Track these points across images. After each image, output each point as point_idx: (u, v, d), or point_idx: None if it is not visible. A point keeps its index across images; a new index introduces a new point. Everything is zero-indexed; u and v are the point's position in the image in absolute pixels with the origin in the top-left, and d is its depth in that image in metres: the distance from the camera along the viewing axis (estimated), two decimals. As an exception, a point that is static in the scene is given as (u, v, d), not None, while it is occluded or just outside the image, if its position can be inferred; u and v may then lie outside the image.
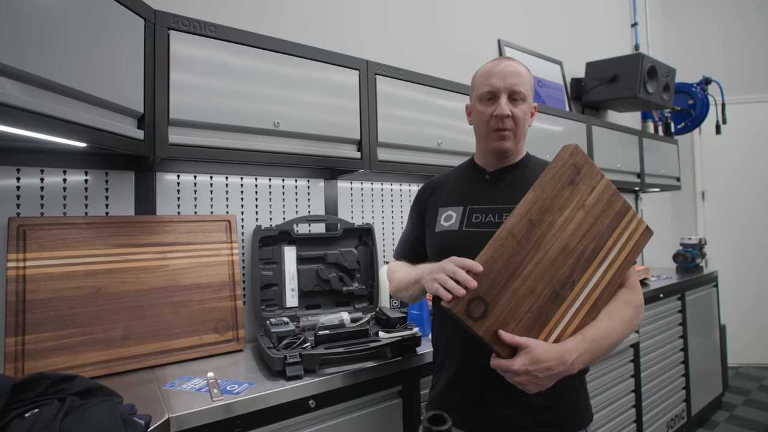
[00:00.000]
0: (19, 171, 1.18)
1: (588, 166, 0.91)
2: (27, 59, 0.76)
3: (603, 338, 0.85)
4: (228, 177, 1.53)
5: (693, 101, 3.35)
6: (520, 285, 0.83)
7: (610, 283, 0.90)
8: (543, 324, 0.84)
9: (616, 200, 0.92)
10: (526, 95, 0.99)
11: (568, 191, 0.88)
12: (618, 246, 0.91)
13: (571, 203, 0.88)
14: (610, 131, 2.55)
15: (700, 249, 2.92)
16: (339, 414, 1.12)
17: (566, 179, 0.89)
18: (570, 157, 0.90)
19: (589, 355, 0.84)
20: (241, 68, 1.24)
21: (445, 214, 1.06)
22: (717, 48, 3.85)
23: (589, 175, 0.91)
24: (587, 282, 0.87)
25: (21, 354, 1.07)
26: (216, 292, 1.37)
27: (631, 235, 0.92)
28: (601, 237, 0.89)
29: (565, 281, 0.85)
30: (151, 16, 1.10)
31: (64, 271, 1.16)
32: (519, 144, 1.04)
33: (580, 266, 0.87)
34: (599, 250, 0.89)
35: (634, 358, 2.07)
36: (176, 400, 0.97)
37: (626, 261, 0.91)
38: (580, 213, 0.88)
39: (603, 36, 3.32)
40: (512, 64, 1.00)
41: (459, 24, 2.33)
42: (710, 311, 2.80)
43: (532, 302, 0.83)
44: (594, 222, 0.89)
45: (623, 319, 0.89)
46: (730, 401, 2.95)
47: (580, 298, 0.86)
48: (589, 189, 0.90)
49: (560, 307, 0.85)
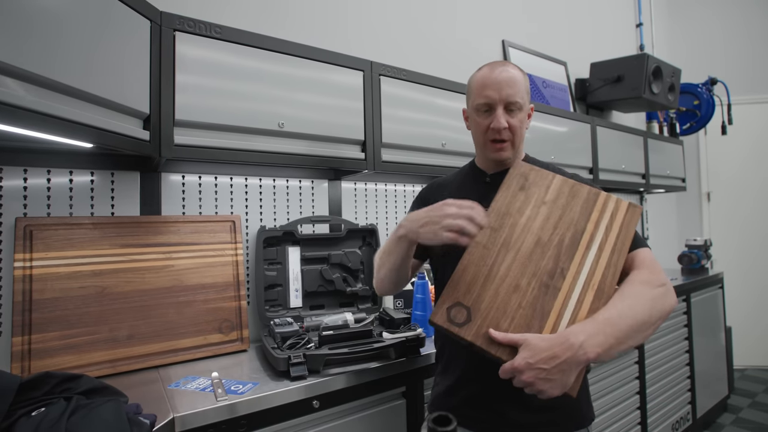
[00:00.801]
0: (26, 171, 1.19)
1: (535, 172, 0.94)
2: (34, 61, 0.76)
3: (619, 318, 0.76)
4: (232, 177, 1.53)
5: (698, 102, 3.33)
6: (499, 284, 0.83)
7: (610, 265, 0.85)
8: (542, 318, 0.80)
9: (579, 189, 0.92)
10: (522, 104, 0.99)
11: (522, 195, 0.91)
12: (602, 228, 0.88)
13: (530, 203, 0.90)
14: (614, 132, 2.54)
15: (705, 250, 2.90)
16: (343, 414, 1.12)
17: (516, 187, 0.92)
18: (514, 170, 0.95)
19: (605, 337, 0.73)
20: (245, 69, 1.24)
21: None
22: (722, 48, 3.83)
23: (540, 178, 0.94)
24: (580, 268, 0.84)
25: (27, 353, 1.07)
26: (220, 292, 1.37)
27: (614, 215, 0.90)
28: (576, 224, 0.88)
29: (552, 272, 0.84)
30: (157, 18, 1.10)
31: (70, 270, 1.16)
32: (518, 150, 1.04)
33: (564, 255, 0.85)
34: (580, 236, 0.87)
35: (639, 360, 2.06)
36: (181, 400, 0.97)
37: (619, 241, 0.87)
38: (543, 208, 0.90)
39: (608, 36, 3.31)
40: (507, 71, 0.98)
41: (463, 25, 2.33)
42: (716, 313, 2.78)
43: (519, 298, 0.82)
44: (562, 213, 0.90)
45: (642, 298, 0.80)
46: (735, 404, 2.93)
47: (578, 284, 0.83)
48: (543, 188, 0.92)
49: (556, 297, 0.82)
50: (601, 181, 2.39)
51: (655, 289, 0.83)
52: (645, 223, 3.43)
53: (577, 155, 2.26)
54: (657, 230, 3.59)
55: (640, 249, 0.91)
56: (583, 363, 0.72)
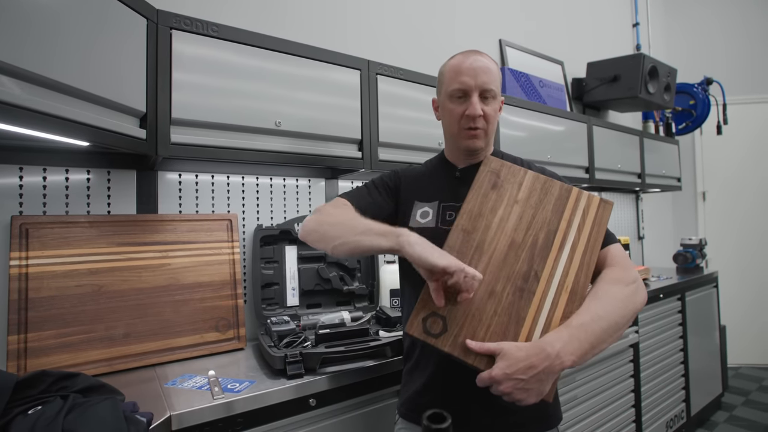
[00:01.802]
0: (21, 170, 1.19)
1: (506, 168, 0.92)
2: (28, 58, 0.76)
3: (593, 322, 0.77)
4: (229, 176, 1.53)
5: (694, 101, 3.35)
6: (474, 291, 0.80)
7: (583, 265, 0.85)
8: (518, 324, 0.80)
9: (552, 186, 0.91)
10: (497, 92, 0.98)
11: (494, 194, 0.89)
12: (574, 226, 0.87)
13: (502, 203, 0.88)
14: (611, 131, 2.55)
15: (700, 249, 2.92)
16: (339, 412, 1.13)
17: (488, 185, 0.90)
18: (484, 167, 0.92)
19: (579, 344, 0.74)
20: (242, 68, 1.24)
21: (421, 209, 1.02)
22: (718, 48, 3.85)
23: (511, 174, 0.92)
24: (554, 270, 0.84)
25: (23, 352, 1.07)
26: (217, 290, 1.37)
27: (585, 212, 0.89)
28: (549, 223, 0.87)
29: (527, 275, 0.83)
30: (154, 16, 1.10)
31: (66, 269, 1.16)
32: (489, 141, 1.02)
33: (538, 256, 0.85)
34: (553, 236, 0.86)
35: (634, 358, 2.07)
36: (177, 398, 0.97)
37: (592, 239, 0.87)
38: (516, 208, 0.88)
39: (604, 36, 3.32)
40: (481, 59, 0.97)
41: (460, 24, 2.33)
42: (710, 312, 2.80)
43: (495, 305, 0.81)
44: (535, 212, 0.88)
45: (614, 298, 0.81)
46: (729, 402, 2.95)
47: (552, 287, 0.83)
48: (516, 185, 0.90)
49: (531, 302, 0.81)
50: (598, 180, 2.40)
51: (627, 287, 0.84)
52: (641, 222, 3.44)
53: (573, 154, 2.27)
54: (652, 229, 3.61)
55: (611, 245, 0.92)
56: (558, 371, 0.74)
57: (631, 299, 0.83)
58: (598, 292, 0.83)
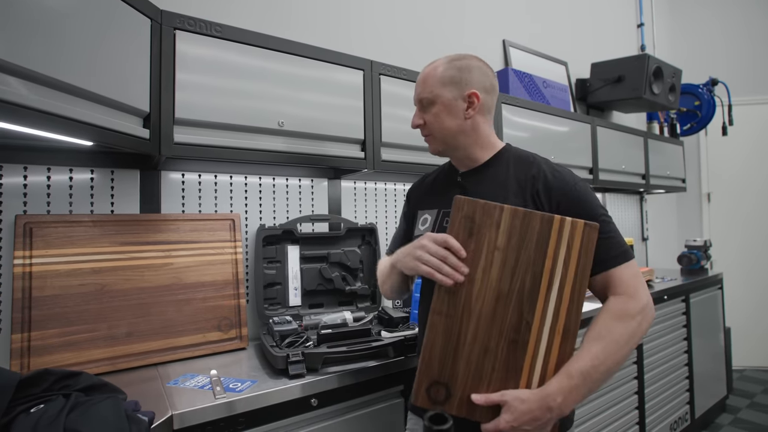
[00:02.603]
0: (26, 169, 1.19)
1: (479, 208, 0.84)
2: (34, 58, 0.77)
3: (593, 369, 0.78)
4: (232, 176, 1.53)
5: (699, 102, 3.33)
6: (470, 351, 0.81)
7: (573, 300, 0.82)
8: (516, 375, 0.80)
9: (531, 219, 0.83)
10: (433, 99, 0.97)
11: (472, 243, 0.83)
12: (560, 261, 0.82)
13: (482, 252, 0.82)
14: (615, 132, 2.54)
15: (705, 251, 2.90)
16: (341, 413, 1.13)
17: (464, 234, 0.83)
18: (457, 212, 0.84)
19: (579, 393, 0.77)
20: (245, 68, 1.24)
21: (422, 217, 1.06)
22: (723, 49, 3.83)
23: (487, 216, 0.83)
24: (544, 313, 0.81)
25: (27, 350, 1.08)
26: (219, 290, 1.38)
27: (571, 241, 0.82)
28: (534, 264, 0.82)
29: (518, 325, 0.81)
30: (158, 16, 1.10)
31: (69, 268, 1.17)
32: (444, 142, 1.00)
33: (527, 303, 0.81)
34: (539, 278, 0.82)
35: (638, 360, 2.06)
36: (179, 398, 0.97)
37: (580, 269, 0.82)
38: (497, 255, 0.82)
39: (608, 36, 3.30)
40: (424, 71, 1.01)
41: (463, 24, 2.33)
42: (715, 313, 2.78)
43: (492, 361, 0.81)
44: (518, 254, 0.82)
45: (618, 338, 0.80)
46: (734, 404, 2.93)
47: (545, 332, 0.81)
48: (494, 228, 0.83)
49: (526, 351, 0.81)
50: (601, 181, 2.39)
51: (633, 321, 0.82)
52: (645, 224, 3.43)
53: (577, 155, 2.26)
54: (657, 231, 3.59)
55: (618, 267, 0.86)
56: (558, 417, 0.78)
57: (637, 333, 0.82)
58: (601, 332, 0.81)
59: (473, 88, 0.96)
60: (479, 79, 0.97)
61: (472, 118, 0.97)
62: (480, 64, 0.99)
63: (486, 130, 1.00)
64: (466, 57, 0.99)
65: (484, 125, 0.99)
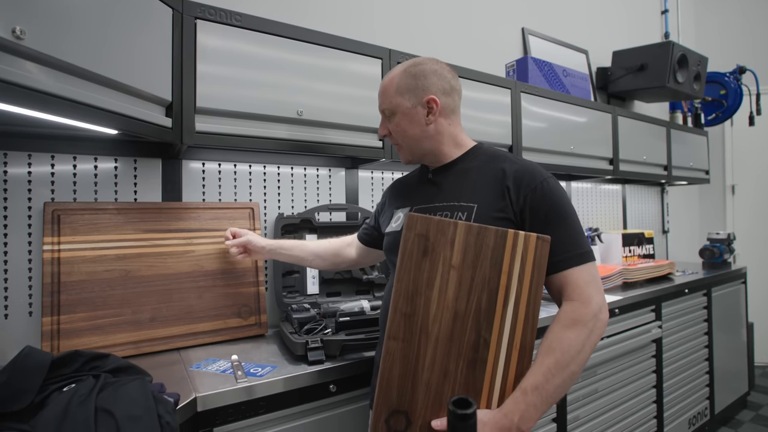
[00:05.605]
0: (53, 158, 1.22)
1: (433, 225, 0.80)
2: (63, 49, 0.78)
3: (547, 382, 0.78)
4: (251, 165, 1.55)
5: (725, 91, 3.23)
6: (429, 376, 0.78)
7: (528, 318, 0.80)
8: (476, 395, 0.79)
9: (486, 235, 0.81)
10: (393, 109, 0.98)
11: (427, 263, 0.79)
12: (515, 277, 0.80)
13: (437, 271, 0.80)
14: (636, 122, 2.48)
15: (728, 244, 2.83)
16: (359, 399, 1.14)
17: (418, 254, 0.79)
18: (409, 232, 0.80)
19: (536, 409, 0.77)
20: (265, 57, 1.25)
21: (395, 215, 1.06)
22: (750, 36, 3.69)
23: (441, 233, 0.80)
24: (501, 330, 0.80)
25: (56, 333, 1.12)
26: (239, 278, 1.40)
27: (524, 256, 0.81)
28: (490, 281, 0.80)
29: (476, 344, 0.79)
30: (179, 6, 1.11)
31: (95, 254, 1.20)
32: (411, 151, 1.01)
33: (484, 321, 0.79)
34: (495, 295, 0.80)
35: (657, 354, 2.03)
36: (202, 381, 1.00)
37: (534, 284, 0.81)
38: (453, 273, 0.80)
39: (631, 24, 3.22)
40: (382, 82, 1.02)
41: (480, 12, 2.29)
42: (737, 308, 2.72)
43: (452, 383, 0.78)
44: (473, 272, 0.80)
45: (569, 347, 0.80)
46: (755, 401, 2.87)
47: (502, 349, 0.79)
48: (448, 246, 0.80)
49: (485, 370, 0.79)
50: (622, 172, 2.35)
51: (584, 328, 0.81)
52: (666, 216, 3.36)
53: (597, 146, 2.22)
54: (678, 223, 3.51)
55: (571, 270, 0.85)
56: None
57: (589, 340, 0.82)
58: (552, 343, 0.81)
59: (431, 93, 0.96)
60: (436, 83, 0.97)
61: (435, 123, 0.98)
62: (436, 67, 0.98)
63: (452, 131, 1.00)
64: (421, 63, 0.99)
65: (449, 127, 0.99)
